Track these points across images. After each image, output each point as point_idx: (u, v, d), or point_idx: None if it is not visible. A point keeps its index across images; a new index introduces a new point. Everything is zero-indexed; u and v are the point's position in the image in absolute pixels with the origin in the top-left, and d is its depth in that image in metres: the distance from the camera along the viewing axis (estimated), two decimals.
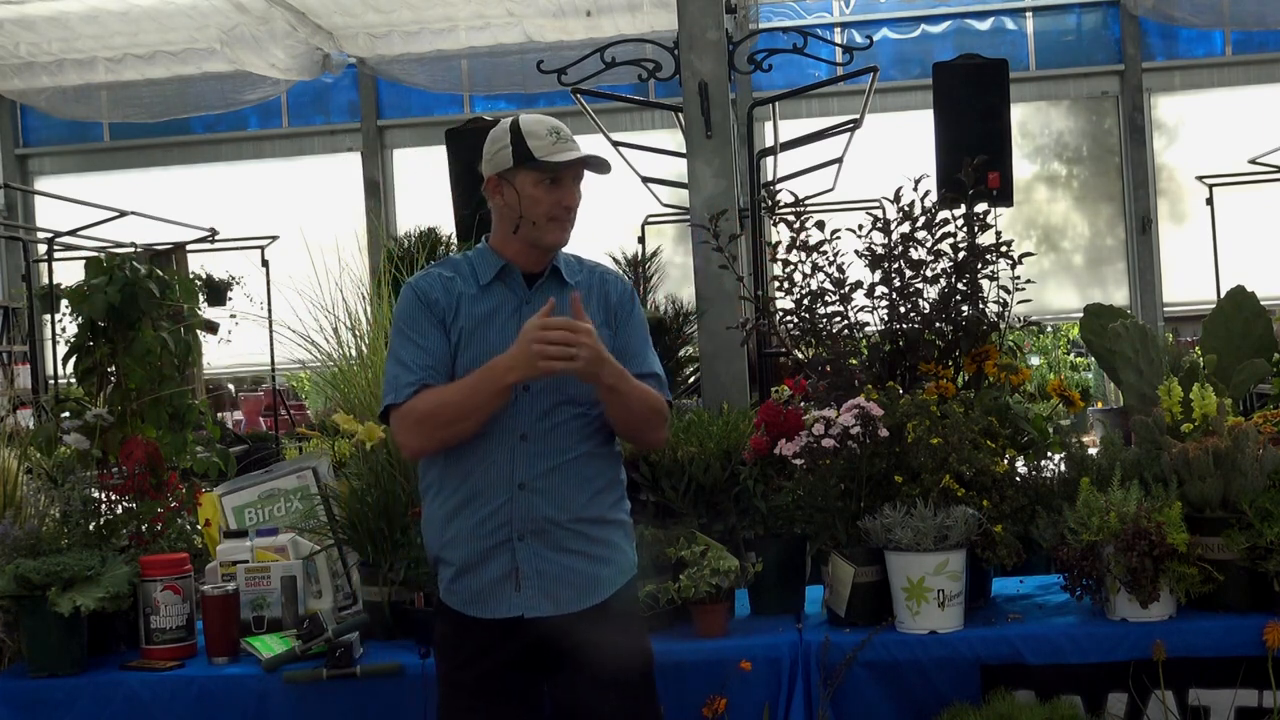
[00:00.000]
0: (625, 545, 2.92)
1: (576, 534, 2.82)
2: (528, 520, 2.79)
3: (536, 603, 2.79)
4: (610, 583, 2.85)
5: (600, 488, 2.87)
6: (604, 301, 2.94)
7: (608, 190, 3.73)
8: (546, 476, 2.80)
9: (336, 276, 3.92)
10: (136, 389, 4.19)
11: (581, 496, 2.83)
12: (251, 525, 3.77)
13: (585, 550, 2.82)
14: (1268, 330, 3.89)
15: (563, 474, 2.81)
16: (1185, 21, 12.20)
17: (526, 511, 2.79)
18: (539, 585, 2.79)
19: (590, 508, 2.84)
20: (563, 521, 2.81)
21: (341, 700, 3.12)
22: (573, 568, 2.81)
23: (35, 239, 11.77)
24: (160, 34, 11.87)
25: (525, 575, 2.79)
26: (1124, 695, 3.03)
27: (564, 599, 2.80)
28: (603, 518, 2.86)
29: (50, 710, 3.20)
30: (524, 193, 2.86)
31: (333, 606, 3.51)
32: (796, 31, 6.23)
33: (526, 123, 2.89)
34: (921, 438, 3.26)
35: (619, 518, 2.92)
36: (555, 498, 2.80)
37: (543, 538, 2.80)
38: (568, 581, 2.80)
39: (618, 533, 2.90)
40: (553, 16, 11.66)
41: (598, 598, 2.82)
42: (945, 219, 3.71)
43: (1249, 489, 3.15)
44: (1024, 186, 12.71)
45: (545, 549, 2.80)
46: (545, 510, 2.80)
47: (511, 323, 2.83)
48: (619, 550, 2.89)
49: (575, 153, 2.87)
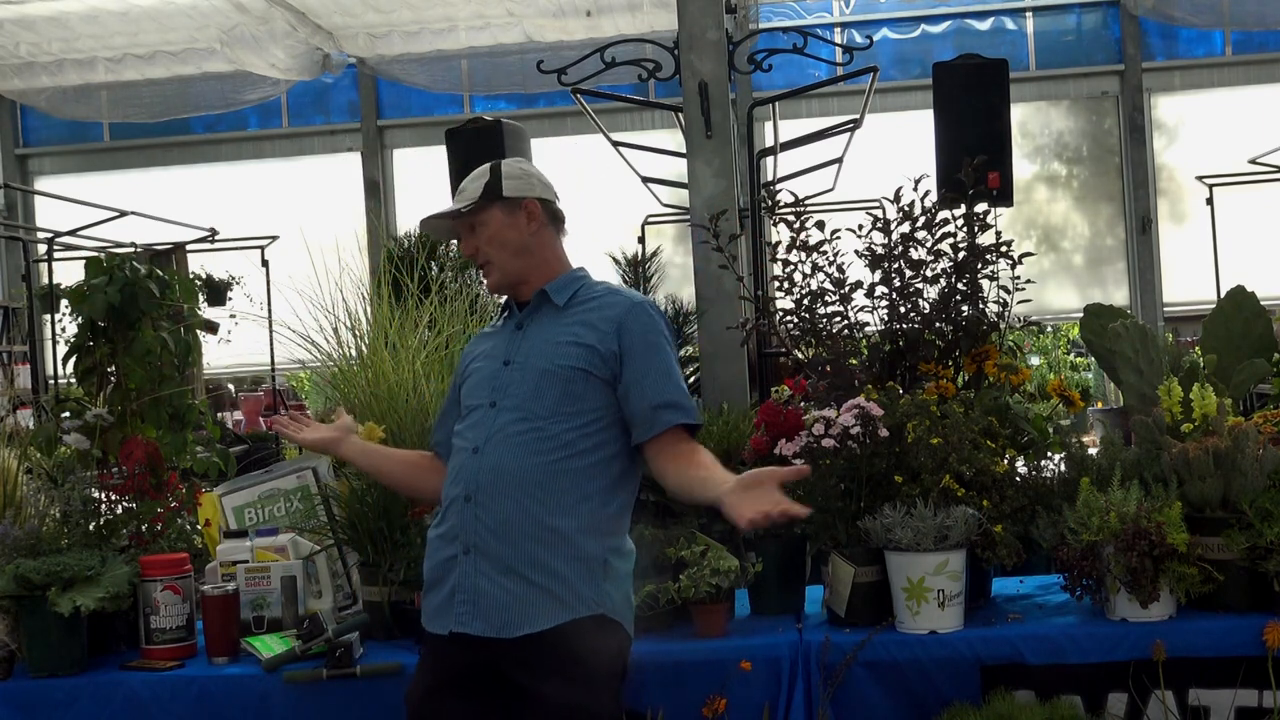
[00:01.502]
0: (579, 581, 2.74)
1: (518, 553, 2.74)
2: (471, 534, 2.78)
3: (467, 619, 2.75)
4: (549, 614, 2.71)
5: (556, 508, 2.76)
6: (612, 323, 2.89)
7: (608, 190, 3.73)
8: (490, 489, 2.78)
9: (336, 276, 3.92)
10: (136, 389, 4.19)
11: (526, 514, 2.75)
12: (251, 525, 3.77)
13: (525, 573, 2.73)
14: (1268, 330, 3.89)
15: (508, 488, 2.76)
16: (1185, 21, 12.21)
17: (471, 524, 2.79)
18: (472, 601, 2.75)
19: (537, 528, 2.74)
20: (504, 537, 2.75)
21: (341, 700, 3.11)
22: (509, 589, 2.73)
23: (35, 239, 11.77)
24: (160, 34, 11.87)
25: (461, 589, 2.77)
26: (1124, 695, 3.03)
27: (496, 620, 2.73)
28: (553, 542, 2.74)
29: (50, 710, 3.19)
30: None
31: (333, 606, 3.51)
32: (796, 31, 6.23)
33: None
34: (921, 438, 3.26)
35: (582, 546, 2.76)
36: (497, 512, 2.76)
37: (484, 553, 2.76)
38: (502, 603, 2.73)
39: (572, 564, 2.74)
40: (553, 16, 11.66)
41: (534, 626, 2.71)
42: (945, 219, 3.71)
43: (1249, 489, 3.15)
44: (1024, 186, 12.71)
45: (485, 565, 2.75)
46: (487, 524, 2.77)
47: (500, 346, 2.97)
48: (565, 584, 2.73)
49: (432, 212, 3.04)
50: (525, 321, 2.97)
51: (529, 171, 3.03)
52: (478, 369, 2.99)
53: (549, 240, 3.01)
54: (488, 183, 2.96)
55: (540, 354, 2.87)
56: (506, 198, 2.95)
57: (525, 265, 2.97)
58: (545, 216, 3.00)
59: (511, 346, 2.93)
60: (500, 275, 2.97)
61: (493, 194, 2.95)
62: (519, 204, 2.96)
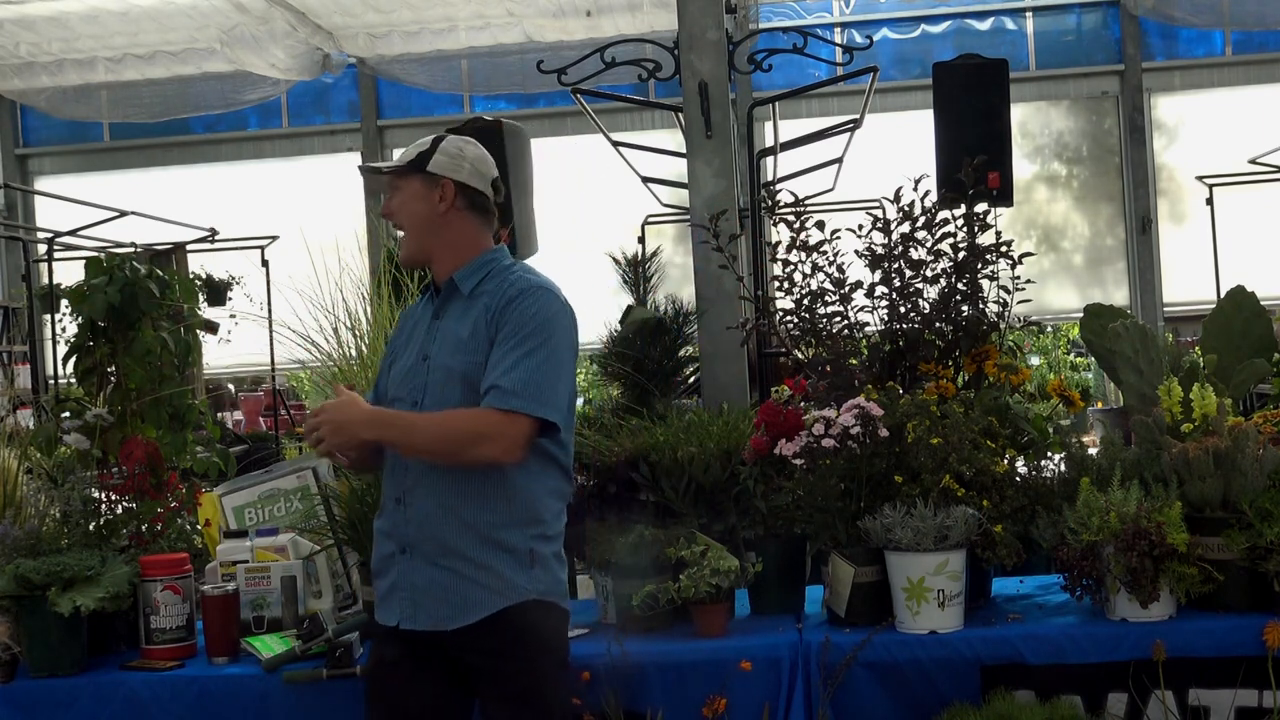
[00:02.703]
0: (508, 571, 2.84)
1: (447, 550, 2.85)
2: (405, 534, 2.90)
3: (410, 614, 2.89)
4: (484, 605, 2.83)
5: (478, 504, 2.84)
6: (490, 310, 2.92)
7: (608, 190, 3.73)
8: (416, 491, 2.89)
9: (336, 276, 3.91)
10: (136, 389, 4.19)
11: (451, 512, 2.85)
12: (251, 525, 3.77)
13: (456, 568, 2.84)
14: (1268, 330, 3.89)
15: (432, 489, 2.86)
16: (1185, 21, 12.20)
17: (403, 525, 2.90)
18: (412, 597, 2.88)
19: (462, 524, 2.84)
20: (433, 536, 2.86)
21: (341, 700, 3.12)
22: (443, 584, 2.85)
23: (35, 239, 11.77)
24: (160, 34, 11.87)
25: (401, 586, 2.90)
26: (1124, 695, 3.03)
27: (436, 614, 2.86)
28: (479, 536, 2.84)
29: (50, 710, 3.20)
30: None
31: (333, 606, 3.51)
32: (796, 31, 6.23)
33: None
34: (921, 438, 3.26)
35: (505, 539, 2.85)
36: (426, 512, 2.87)
37: (418, 552, 2.88)
38: (440, 597, 2.85)
39: (498, 556, 2.84)
40: (553, 16, 11.66)
41: (470, 617, 2.83)
42: (945, 219, 3.71)
43: (1249, 489, 3.15)
44: (1024, 186, 12.71)
45: (421, 563, 2.87)
46: (417, 524, 2.88)
47: (417, 338, 3.02)
48: (495, 574, 2.83)
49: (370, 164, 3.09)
50: (441, 310, 3.01)
51: (465, 155, 3.01)
52: (402, 357, 3.05)
53: (460, 225, 3.00)
54: (421, 152, 2.99)
55: (448, 351, 2.93)
56: (429, 172, 2.98)
57: (432, 244, 2.99)
58: (462, 201, 2.99)
59: (429, 339, 2.99)
60: (410, 247, 3.02)
61: (419, 164, 2.98)
62: (438, 181, 2.98)
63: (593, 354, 4.80)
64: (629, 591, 3.27)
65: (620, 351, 4.54)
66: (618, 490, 3.53)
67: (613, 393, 4.59)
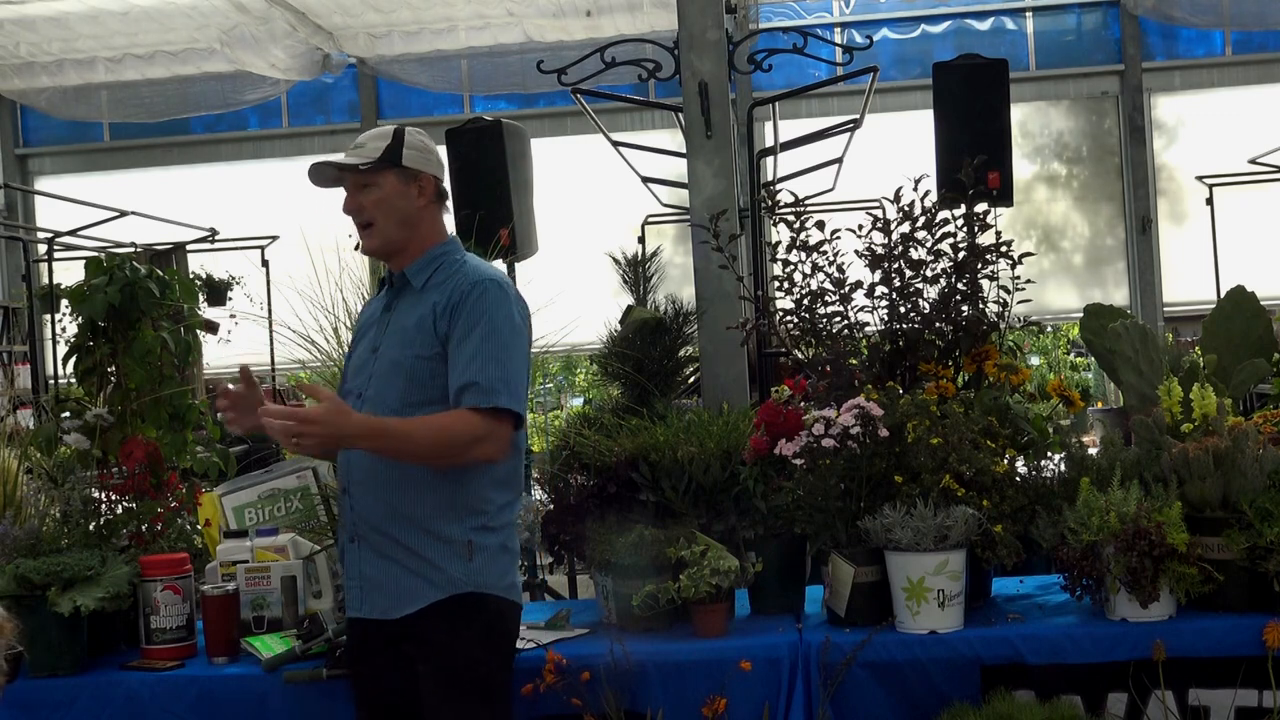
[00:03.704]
0: (445, 562, 2.85)
1: (389, 540, 2.88)
2: (353, 525, 2.94)
3: (357, 603, 2.95)
4: (422, 595, 2.86)
5: (414, 496, 2.86)
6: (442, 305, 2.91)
7: (608, 190, 3.73)
8: (360, 483, 2.92)
9: (336, 276, 3.91)
10: (136, 389, 4.19)
11: (390, 504, 2.88)
12: (251, 525, 3.77)
13: (399, 558, 2.88)
14: (1268, 330, 3.89)
15: (371, 481, 2.89)
16: (1185, 21, 12.20)
17: (351, 516, 2.95)
18: (360, 587, 2.93)
19: (400, 516, 2.87)
20: (376, 527, 2.90)
21: (341, 700, 3.11)
22: (388, 573, 2.89)
23: (35, 239, 11.77)
24: (160, 34, 11.87)
25: (351, 576, 2.96)
26: (1124, 695, 3.03)
27: (381, 604, 2.90)
28: (417, 528, 2.86)
29: (50, 710, 3.20)
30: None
31: (333, 606, 3.50)
32: (796, 31, 6.23)
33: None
34: (921, 438, 3.26)
35: (442, 530, 2.86)
36: (368, 503, 2.91)
37: (366, 542, 2.92)
38: (384, 587, 2.89)
39: (435, 547, 2.86)
40: (553, 16, 11.66)
41: (410, 607, 2.86)
42: (945, 219, 3.71)
43: (1249, 489, 3.15)
44: (1024, 186, 12.70)
45: (368, 553, 2.92)
46: (362, 515, 2.92)
47: (371, 330, 3.03)
48: (432, 566, 2.86)
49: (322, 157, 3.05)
50: (393, 303, 3.02)
51: (429, 147, 3.06)
52: (357, 350, 3.08)
53: (432, 216, 3.06)
54: (389, 146, 2.99)
55: (395, 342, 2.94)
56: (404, 166, 2.99)
57: (407, 236, 3.01)
58: (434, 193, 3.04)
59: (379, 331, 3.01)
60: (381, 240, 3.01)
61: (392, 159, 2.98)
62: (415, 176, 3.00)
63: (593, 354, 4.79)
64: (629, 591, 3.27)
65: (620, 351, 4.53)
66: (618, 490, 3.53)
67: (613, 393, 4.58)
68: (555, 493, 3.58)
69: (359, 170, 3.00)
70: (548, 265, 6.32)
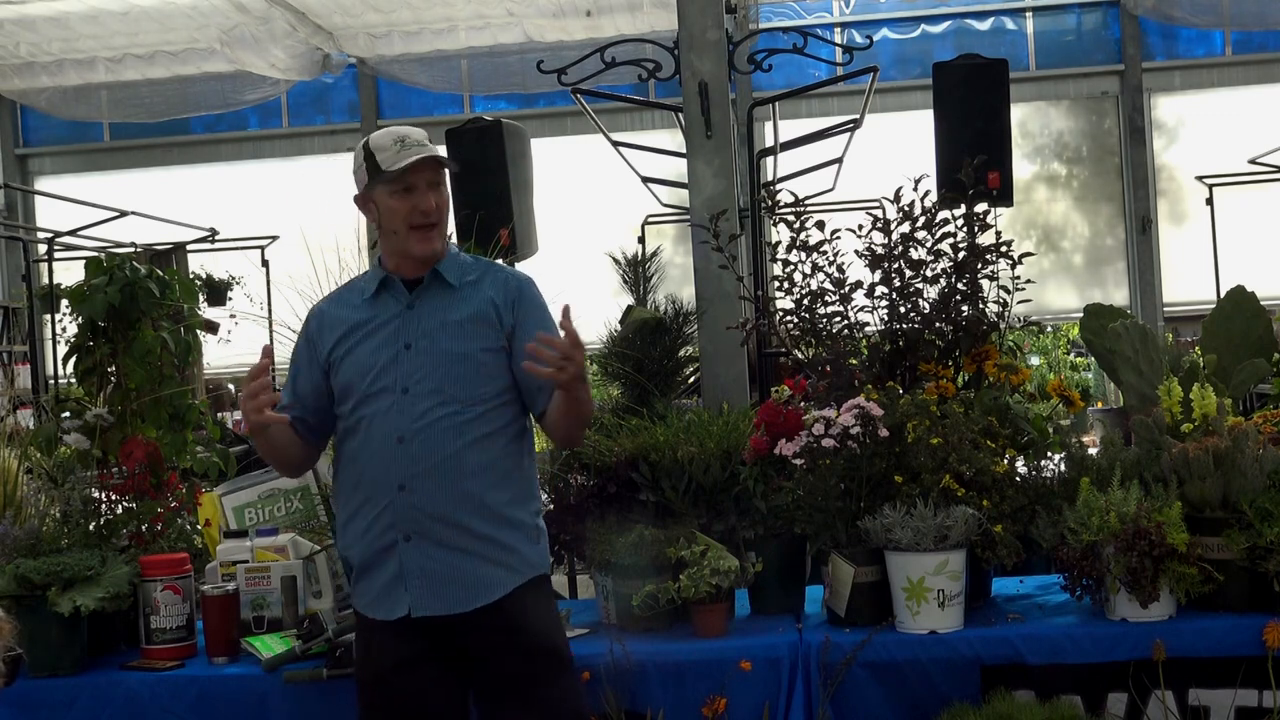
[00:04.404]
0: (522, 546, 2.91)
1: (462, 532, 2.85)
2: (410, 521, 2.86)
3: (423, 601, 2.86)
4: (501, 583, 2.86)
5: (488, 484, 2.87)
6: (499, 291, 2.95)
7: (608, 190, 3.73)
8: (425, 476, 2.85)
9: (336, 276, 3.91)
10: (136, 389, 4.19)
11: (464, 494, 2.85)
12: (251, 525, 3.77)
13: (474, 549, 2.85)
14: (1268, 330, 3.89)
15: (442, 473, 2.85)
16: (1185, 21, 12.20)
17: (408, 512, 2.86)
18: (425, 584, 2.86)
19: (475, 505, 2.86)
20: (445, 520, 2.85)
21: (341, 700, 3.11)
22: (459, 566, 2.85)
23: (35, 239, 11.76)
24: (160, 34, 11.87)
25: (410, 574, 2.86)
26: (1124, 695, 3.04)
27: (452, 598, 2.85)
28: (494, 516, 2.87)
29: (50, 710, 3.20)
30: (382, 206, 2.95)
31: (333, 606, 3.51)
32: (796, 31, 6.22)
33: (375, 137, 2.97)
34: (921, 438, 3.26)
35: (517, 517, 2.91)
36: (435, 497, 2.85)
37: (427, 537, 2.85)
38: (454, 580, 2.85)
39: (513, 534, 2.90)
40: (553, 16, 11.66)
41: (488, 597, 2.85)
42: (945, 219, 3.71)
43: (1249, 489, 3.15)
44: (1024, 186, 12.70)
45: (431, 548, 2.85)
46: (426, 510, 2.85)
47: (388, 330, 2.94)
48: (512, 551, 2.89)
49: (416, 155, 2.89)
50: (416, 301, 2.96)
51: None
52: (361, 350, 2.95)
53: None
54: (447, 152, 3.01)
55: (446, 335, 2.91)
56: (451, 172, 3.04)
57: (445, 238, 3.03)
58: None
59: (406, 328, 2.94)
60: (443, 242, 3.00)
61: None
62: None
63: (593, 354, 4.79)
64: (629, 591, 3.27)
65: (620, 351, 4.54)
66: (618, 490, 3.54)
67: (613, 393, 4.59)
68: (555, 492, 3.59)
69: (444, 169, 2.98)
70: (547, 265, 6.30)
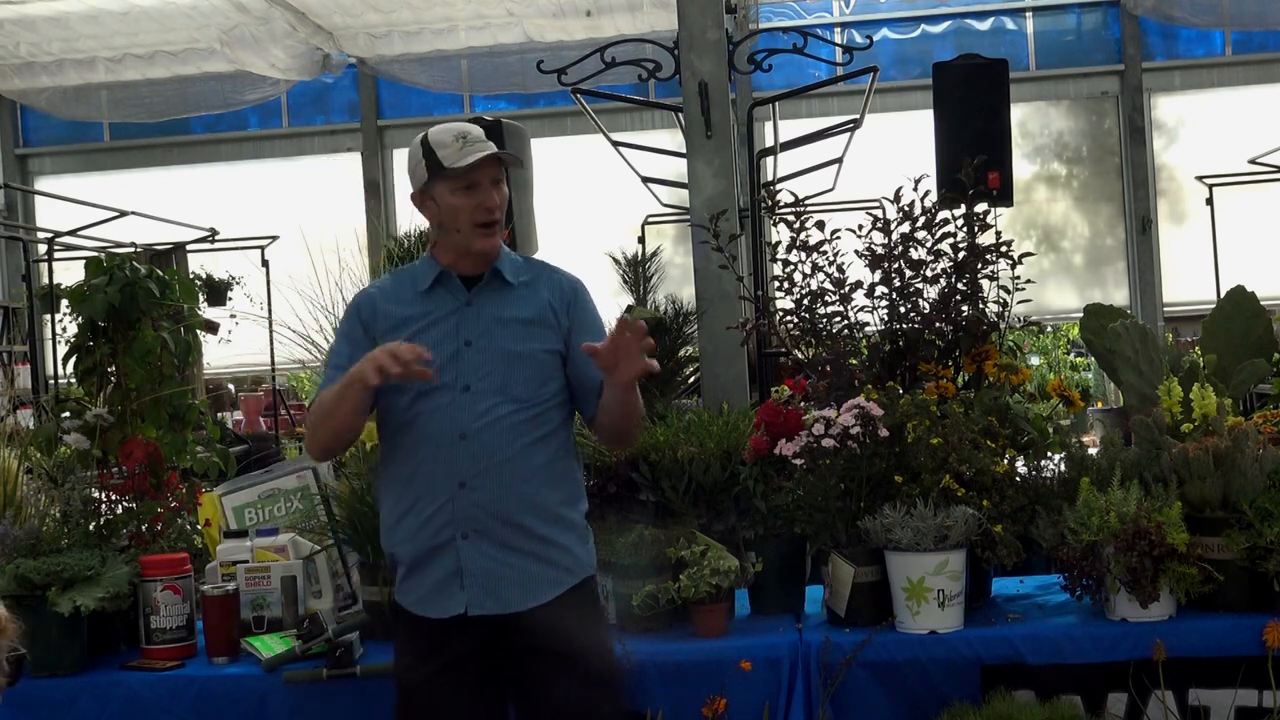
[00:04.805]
0: (575, 546, 2.92)
1: (520, 531, 2.84)
2: (470, 519, 2.84)
3: (480, 600, 2.84)
4: (557, 582, 2.87)
5: (546, 484, 2.88)
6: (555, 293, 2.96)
7: (608, 190, 3.73)
8: (486, 475, 2.83)
9: (336, 276, 3.92)
10: (136, 389, 4.19)
11: (523, 494, 2.85)
12: (251, 525, 3.77)
13: (530, 549, 2.85)
14: (1268, 330, 3.89)
15: (503, 472, 2.84)
16: (1185, 21, 12.20)
17: (468, 510, 2.84)
18: (483, 583, 2.84)
19: (534, 506, 2.86)
20: (505, 519, 2.84)
21: (341, 700, 3.12)
22: (517, 566, 2.84)
23: (35, 239, 11.76)
24: (160, 34, 11.87)
25: (468, 573, 2.84)
26: (1124, 695, 3.04)
27: (508, 597, 2.84)
28: (550, 516, 2.87)
29: (50, 710, 3.20)
30: (444, 203, 2.92)
31: (333, 606, 3.51)
32: (796, 31, 6.22)
33: (434, 134, 2.93)
34: (921, 438, 3.26)
35: (569, 517, 2.92)
36: (496, 496, 2.84)
37: (486, 536, 2.84)
38: (511, 580, 2.84)
39: (567, 533, 2.90)
40: (553, 16, 11.66)
41: (545, 596, 2.85)
42: (945, 219, 3.71)
43: (1249, 489, 3.15)
44: (1024, 186, 12.70)
45: (489, 547, 2.84)
46: (486, 508, 2.83)
47: (446, 325, 2.90)
48: (566, 551, 2.89)
49: (481, 153, 2.88)
50: (474, 298, 2.93)
51: None
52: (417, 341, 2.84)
53: None
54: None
55: (506, 334, 2.90)
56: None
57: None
58: None
59: (465, 325, 2.90)
60: (500, 239, 2.98)
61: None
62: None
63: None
64: (629, 591, 3.27)
65: None
66: (618, 490, 3.54)
67: None
68: None
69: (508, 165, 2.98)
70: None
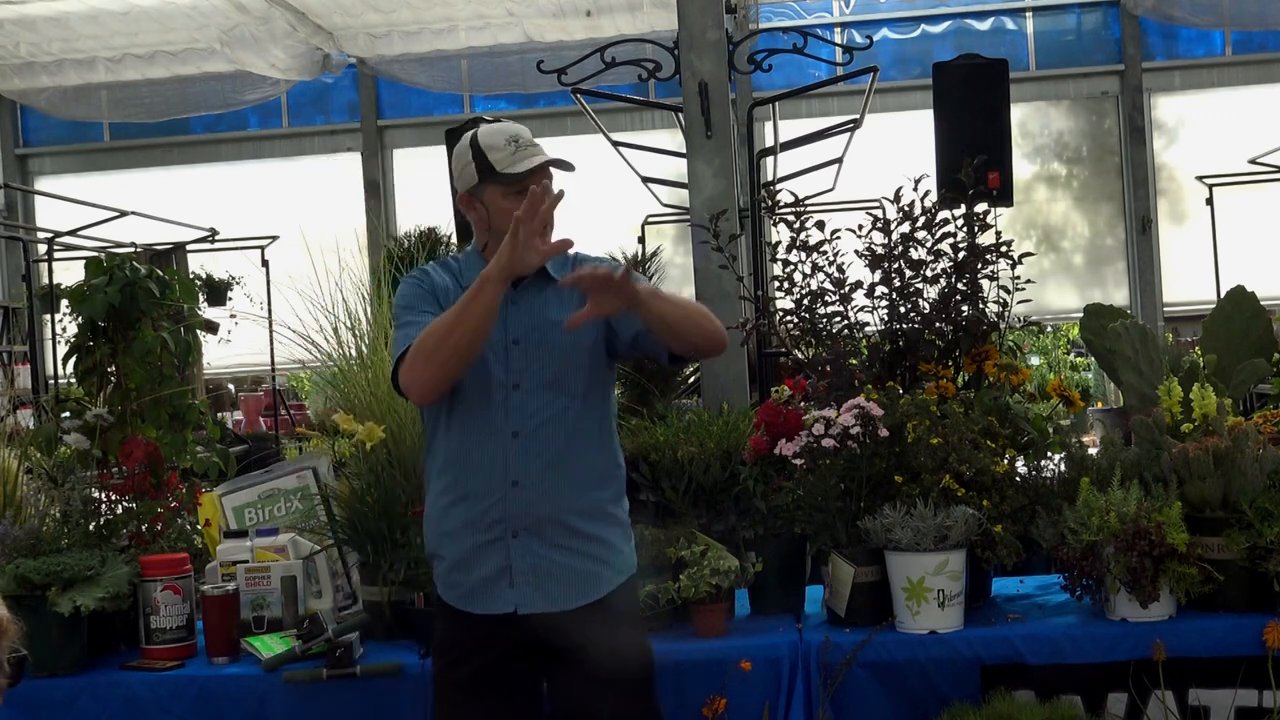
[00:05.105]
0: (622, 545, 2.91)
1: (571, 531, 2.83)
2: (521, 517, 2.82)
3: (530, 599, 2.81)
4: (606, 581, 2.85)
5: (595, 482, 2.87)
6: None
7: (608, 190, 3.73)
8: (540, 473, 2.82)
9: (336, 276, 3.92)
10: (136, 389, 4.20)
11: (575, 492, 2.84)
12: (251, 525, 3.77)
13: (580, 548, 2.83)
14: (1268, 330, 3.89)
15: (556, 470, 2.82)
16: (1185, 21, 12.20)
17: (520, 508, 2.82)
18: (533, 581, 2.81)
19: (585, 504, 2.85)
20: (556, 518, 2.82)
21: (341, 700, 3.12)
22: (567, 564, 2.82)
23: (35, 239, 11.76)
24: (160, 34, 11.87)
25: (518, 571, 2.82)
26: (1124, 695, 3.03)
27: (558, 595, 2.82)
28: (599, 514, 2.86)
29: (50, 710, 3.20)
30: (494, 207, 2.89)
31: (333, 606, 3.51)
32: (796, 31, 6.22)
33: (485, 135, 2.91)
34: (921, 438, 3.26)
35: (616, 515, 2.91)
36: (548, 494, 2.82)
37: (537, 534, 2.82)
38: (562, 578, 2.82)
39: (615, 532, 2.89)
40: (553, 16, 11.66)
41: (593, 595, 2.83)
42: (945, 219, 3.71)
43: (1249, 489, 3.15)
44: (1024, 186, 12.70)
45: (539, 545, 2.82)
46: (539, 507, 2.82)
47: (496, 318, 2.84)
48: (615, 550, 2.88)
49: (536, 159, 2.87)
50: (519, 296, 2.90)
51: None
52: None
53: None
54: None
55: (553, 331, 2.85)
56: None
57: None
58: None
59: (511, 322, 2.87)
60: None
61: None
62: None
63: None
64: None
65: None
66: None
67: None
68: None
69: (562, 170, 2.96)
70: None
